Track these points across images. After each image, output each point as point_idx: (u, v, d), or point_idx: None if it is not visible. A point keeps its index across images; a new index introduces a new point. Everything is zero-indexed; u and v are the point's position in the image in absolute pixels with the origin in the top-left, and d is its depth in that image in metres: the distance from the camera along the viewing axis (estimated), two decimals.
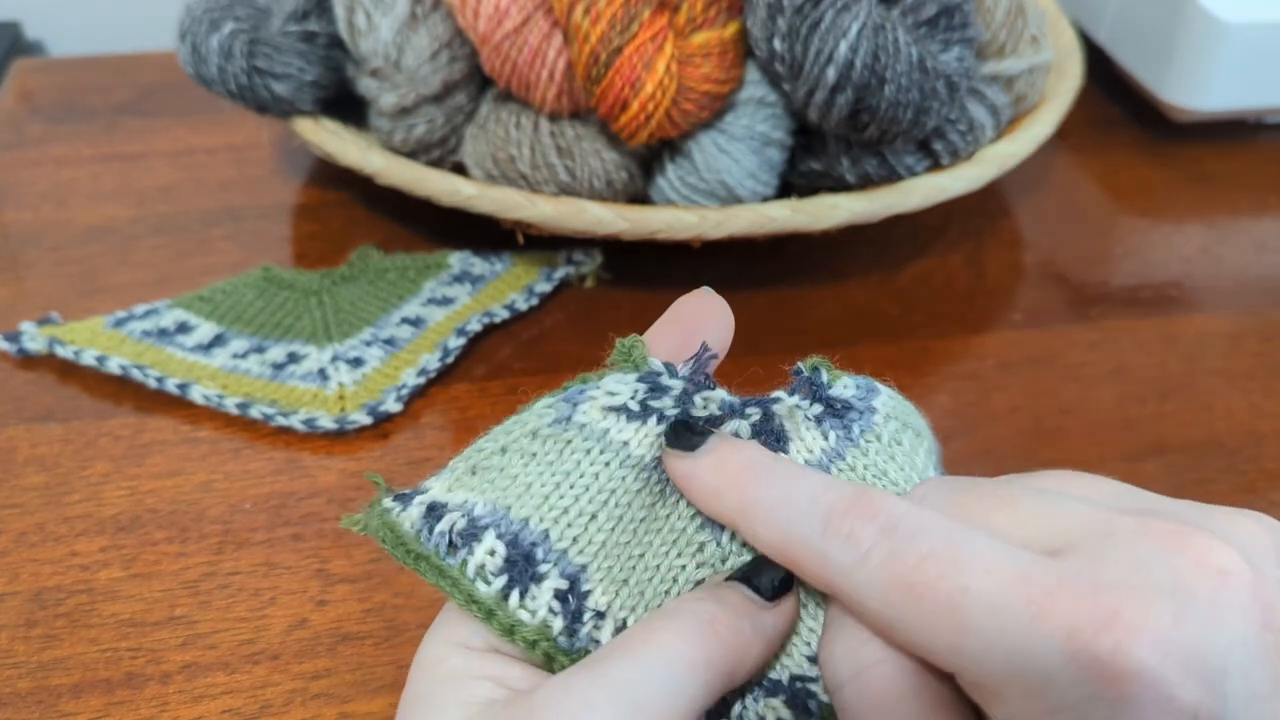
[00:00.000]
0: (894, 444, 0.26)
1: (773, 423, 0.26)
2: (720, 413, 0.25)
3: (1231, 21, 0.55)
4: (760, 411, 0.26)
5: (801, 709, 0.24)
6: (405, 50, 0.46)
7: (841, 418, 0.26)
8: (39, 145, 0.59)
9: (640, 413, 0.25)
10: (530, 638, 0.23)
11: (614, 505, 0.24)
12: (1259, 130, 0.64)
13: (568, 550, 0.24)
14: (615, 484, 0.25)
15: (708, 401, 0.25)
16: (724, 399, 0.26)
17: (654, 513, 0.25)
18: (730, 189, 0.46)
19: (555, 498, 0.24)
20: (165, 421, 0.42)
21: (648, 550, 0.25)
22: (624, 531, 0.24)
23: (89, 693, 0.33)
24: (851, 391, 0.27)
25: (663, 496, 0.25)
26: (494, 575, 0.23)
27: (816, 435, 0.26)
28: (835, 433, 0.26)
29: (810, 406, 0.26)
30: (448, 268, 0.49)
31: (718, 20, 0.44)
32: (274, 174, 0.57)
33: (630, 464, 0.25)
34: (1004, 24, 0.50)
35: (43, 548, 0.37)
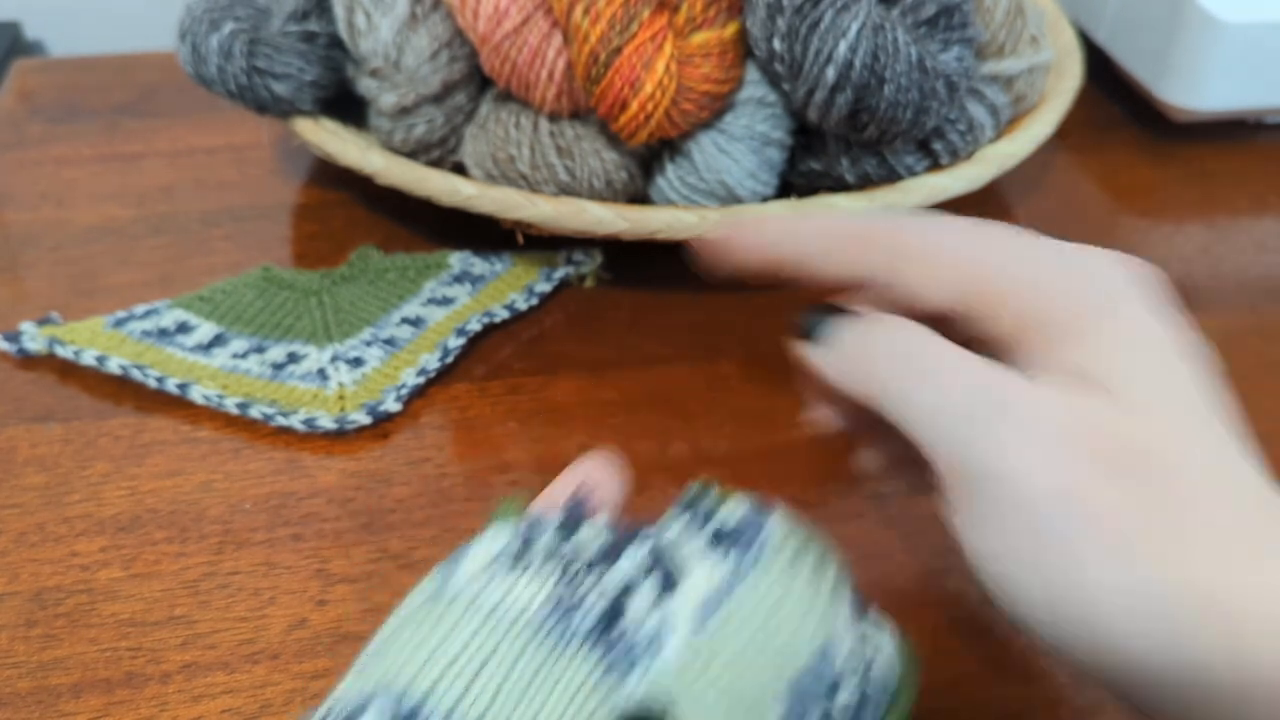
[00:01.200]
0: (796, 564, 0.25)
1: (663, 555, 0.25)
2: (602, 550, 0.24)
3: (1231, 21, 0.55)
4: (647, 542, 0.25)
5: None
6: (405, 50, 0.47)
7: (734, 543, 0.25)
8: (39, 145, 0.59)
9: (518, 562, 0.24)
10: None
11: (496, 665, 0.23)
12: (1259, 130, 0.64)
13: (449, 716, 0.22)
14: (494, 643, 0.23)
15: (587, 537, 0.24)
16: (606, 534, 0.25)
17: (545, 670, 0.23)
18: (730, 189, 0.46)
19: (431, 662, 0.23)
20: (165, 421, 0.42)
21: (540, 709, 0.23)
22: (509, 691, 0.23)
23: (89, 692, 0.33)
24: (741, 514, 0.26)
25: (554, 653, 0.23)
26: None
27: (712, 563, 0.25)
28: (731, 558, 0.25)
29: (699, 534, 0.25)
30: (448, 268, 0.49)
31: (717, 20, 0.44)
32: (274, 174, 0.57)
33: (509, 621, 0.23)
34: (1004, 24, 0.50)
35: (43, 548, 0.37)
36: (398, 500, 0.39)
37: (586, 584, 0.24)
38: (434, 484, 0.40)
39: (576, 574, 0.24)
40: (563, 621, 0.23)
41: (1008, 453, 0.22)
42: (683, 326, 0.48)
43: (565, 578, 0.24)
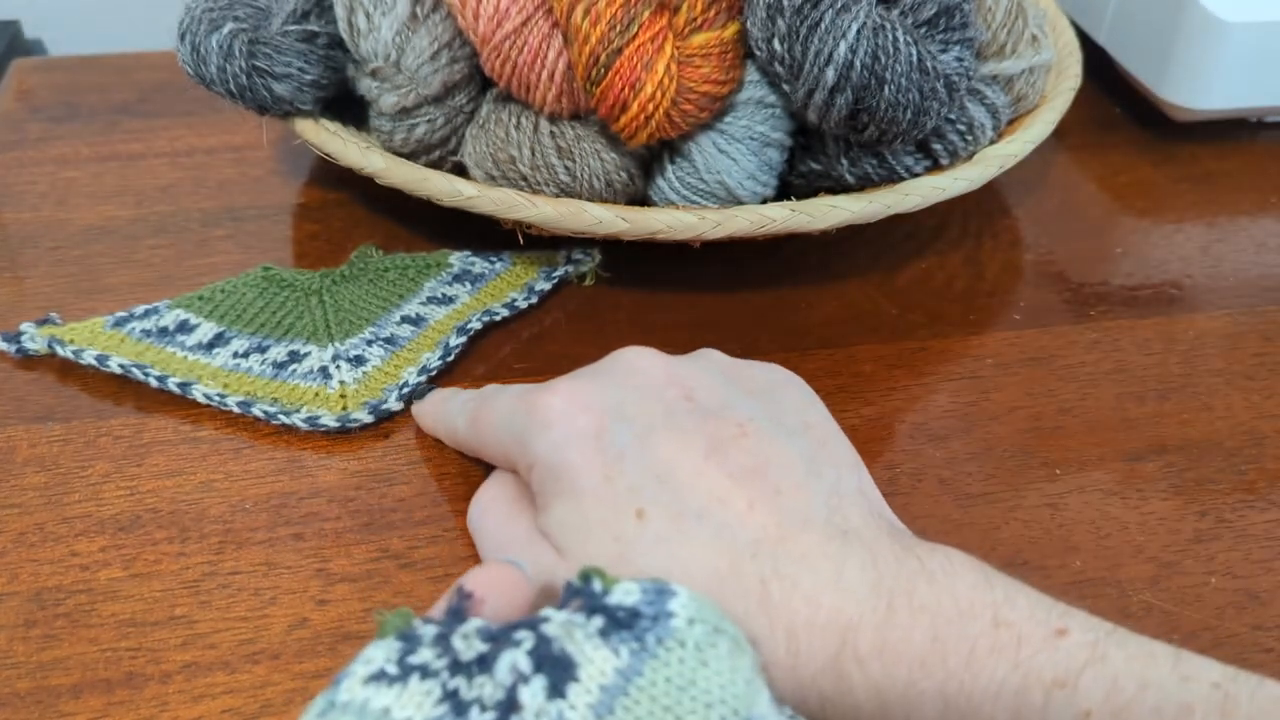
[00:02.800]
0: (705, 648, 0.24)
1: (550, 647, 0.23)
2: (486, 645, 0.23)
3: (1232, 21, 0.55)
4: (533, 636, 0.24)
5: None
6: (405, 51, 0.47)
7: (631, 628, 0.24)
8: (39, 145, 0.59)
9: (399, 674, 0.23)
10: None
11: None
12: (1259, 130, 0.64)
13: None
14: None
15: (468, 637, 0.24)
16: (486, 630, 0.24)
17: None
18: (730, 190, 0.46)
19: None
20: (166, 421, 0.42)
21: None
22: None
23: (89, 693, 0.33)
24: (636, 597, 0.24)
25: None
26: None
27: (606, 654, 0.23)
28: (626, 647, 0.24)
29: (589, 621, 0.24)
30: (448, 267, 0.49)
31: (717, 21, 0.44)
32: (274, 174, 0.57)
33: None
34: (1004, 24, 0.50)
35: (42, 548, 0.37)
36: (399, 500, 0.39)
37: (470, 695, 0.23)
38: (435, 483, 0.40)
39: (459, 684, 0.23)
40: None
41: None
42: (683, 326, 0.48)
43: (447, 690, 0.23)
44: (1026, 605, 0.27)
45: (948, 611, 0.27)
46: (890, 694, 0.27)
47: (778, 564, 0.29)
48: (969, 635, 0.26)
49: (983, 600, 0.27)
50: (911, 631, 0.27)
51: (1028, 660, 0.26)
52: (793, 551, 0.29)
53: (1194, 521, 0.39)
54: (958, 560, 0.29)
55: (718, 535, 0.29)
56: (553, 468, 0.31)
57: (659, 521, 0.29)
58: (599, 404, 0.32)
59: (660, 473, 0.30)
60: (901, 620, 0.27)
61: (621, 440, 0.31)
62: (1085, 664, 0.25)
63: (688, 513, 0.29)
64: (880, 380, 0.45)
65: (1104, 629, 0.27)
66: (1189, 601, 0.36)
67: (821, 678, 0.27)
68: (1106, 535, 0.39)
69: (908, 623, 0.27)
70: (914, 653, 0.27)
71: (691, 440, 0.31)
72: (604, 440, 0.31)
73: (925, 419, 0.43)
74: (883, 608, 0.27)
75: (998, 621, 0.27)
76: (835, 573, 0.28)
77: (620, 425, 0.31)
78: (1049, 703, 0.25)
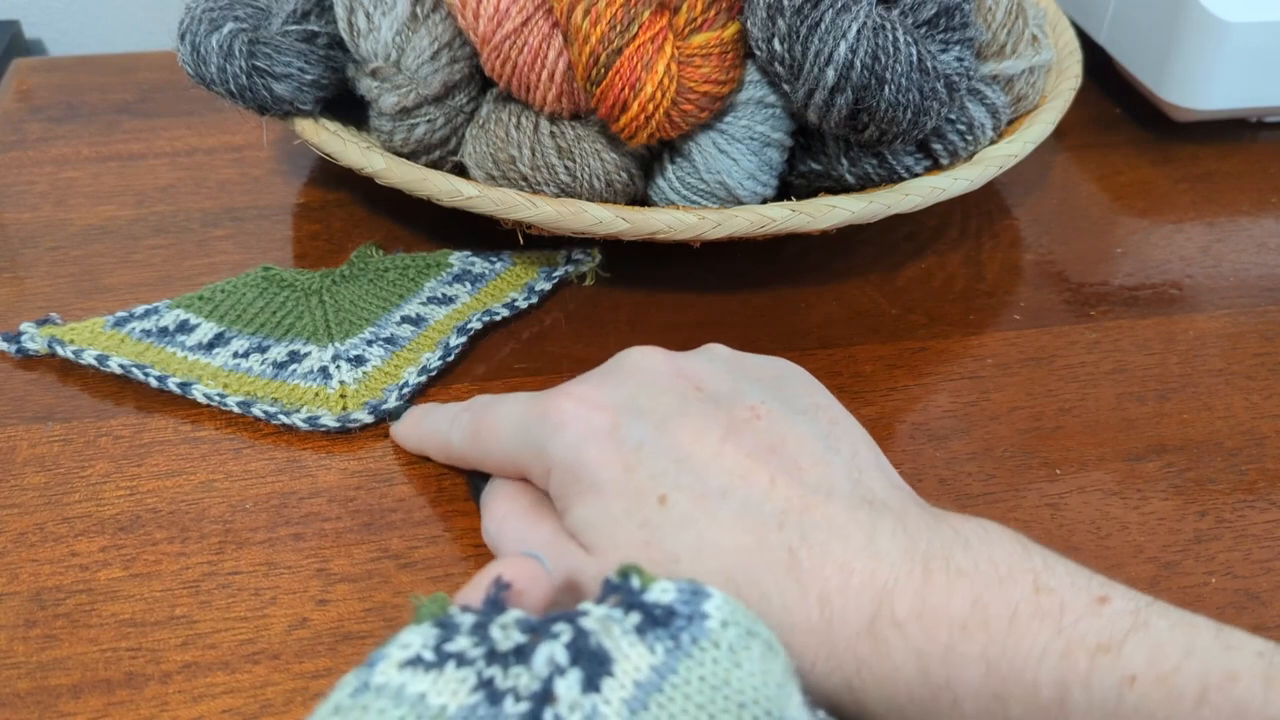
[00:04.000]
0: (739, 650, 0.24)
1: (588, 641, 0.24)
2: (525, 636, 0.24)
3: (1232, 21, 0.55)
4: (571, 629, 0.24)
5: None
6: (405, 51, 0.47)
7: (666, 626, 0.24)
8: (39, 145, 0.59)
9: (436, 661, 0.23)
10: None
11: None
12: (1259, 130, 0.64)
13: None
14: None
15: (506, 627, 0.24)
16: (526, 621, 0.24)
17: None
18: (730, 190, 0.46)
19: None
20: (166, 421, 0.42)
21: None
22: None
23: (89, 693, 0.33)
24: (672, 596, 0.25)
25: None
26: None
27: (642, 650, 0.24)
28: (662, 645, 0.24)
29: (626, 617, 0.24)
30: (448, 267, 0.49)
31: (717, 21, 0.44)
32: (274, 174, 0.57)
33: (430, 716, 0.23)
34: (1004, 24, 0.50)
35: (42, 548, 0.37)
36: (399, 500, 0.39)
37: (505, 684, 0.23)
38: (435, 483, 0.40)
39: (495, 673, 0.23)
40: (490, 713, 0.23)
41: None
42: (683, 326, 0.48)
43: (483, 678, 0.23)
44: (1066, 573, 0.27)
45: (987, 576, 0.27)
46: (931, 657, 0.26)
47: (805, 533, 0.28)
48: (1010, 600, 0.26)
49: (1021, 566, 0.27)
50: (951, 595, 0.27)
51: (1071, 626, 0.26)
52: (819, 520, 0.29)
53: (1194, 521, 0.39)
54: (993, 528, 0.28)
55: (743, 511, 0.29)
56: (572, 468, 0.31)
57: (683, 504, 0.29)
58: (611, 401, 0.32)
59: (679, 457, 0.30)
60: (939, 583, 0.27)
61: (638, 432, 0.31)
62: (1129, 630, 0.25)
63: (711, 492, 0.30)
64: (880, 380, 0.45)
65: (1144, 599, 0.27)
66: (1189, 601, 0.36)
67: (858, 643, 0.27)
68: (1106, 535, 0.39)
69: (946, 586, 0.27)
70: (954, 616, 0.26)
71: (707, 425, 0.31)
72: (620, 434, 0.31)
73: (925, 419, 0.43)
74: (919, 571, 0.27)
75: (1038, 587, 0.26)
76: (866, 539, 0.28)
77: (634, 418, 0.31)
78: (1093, 668, 0.25)
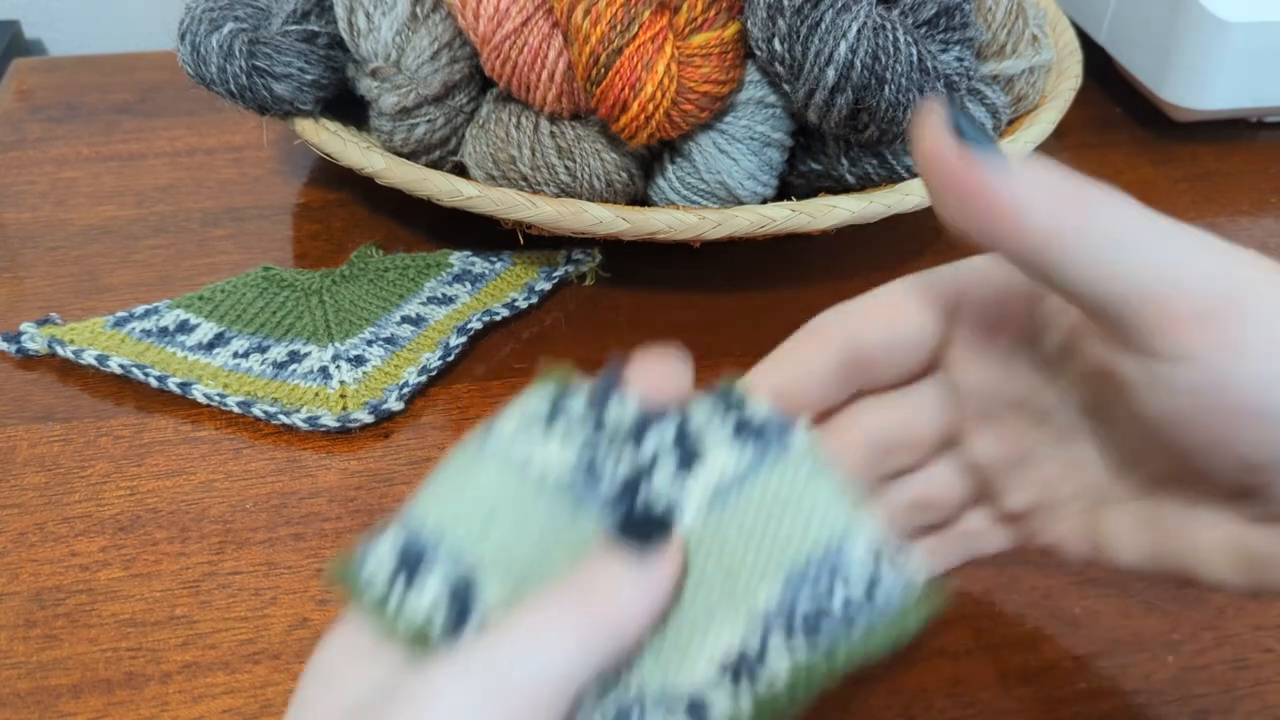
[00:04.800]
0: (807, 477, 0.25)
1: (688, 435, 0.25)
2: (636, 417, 0.25)
3: (1232, 21, 0.55)
4: (679, 418, 0.25)
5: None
6: (405, 51, 0.47)
7: (756, 438, 0.26)
8: (39, 145, 0.59)
9: (548, 425, 0.25)
10: (416, 635, 0.23)
11: (512, 514, 0.24)
12: (1259, 130, 0.64)
13: (460, 555, 0.23)
14: (516, 495, 0.24)
15: (621, 405, 0.25)
16: (637, 406, 0.25)
17: (562, 525, 0.24)
18: (730, 189, 0.46)
19: (450, 505, 0.24)
20: (166, 421, 0.42)
21: (546, 558, 0.24)
22: (524, 541, 0.24)
23: (89, 693, 0.33)
24: (766, 414, 0.26)
25: (573, 511, 0.24)
26: (381, 577, 0.23)
27: (732, 451, 0.25)
28: (751, 452, 0.25)
29: (724, 423, 0.26)
30: (448, 267, 0.49)
31: (717, 21, 0.44)
32: (274, 174, 0.57)
33: (534, 476, 0.24)
34: (1004, 24, 0.50)
35: (43, 548, 0.37)
36: (399, 500, 0.39)
37: (612, 455, 0.25)
38: None
39: (603, 445, 0.25)
40: (586, 487, 0.24)
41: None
42: (683, 326, 0.48)
43: (592, 447, 0.25)
44: None
45: None
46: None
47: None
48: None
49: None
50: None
51: None
52: None
53: None
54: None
55: None
56: None
57: None
58: None
59: None
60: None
61: None
62: None
63: None
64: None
65: None
66: (1190, 602, 0.36)
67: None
68: None
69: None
70: None
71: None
72: None
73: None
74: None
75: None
76: None
77: None
78: None
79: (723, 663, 0.24)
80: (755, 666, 0.24)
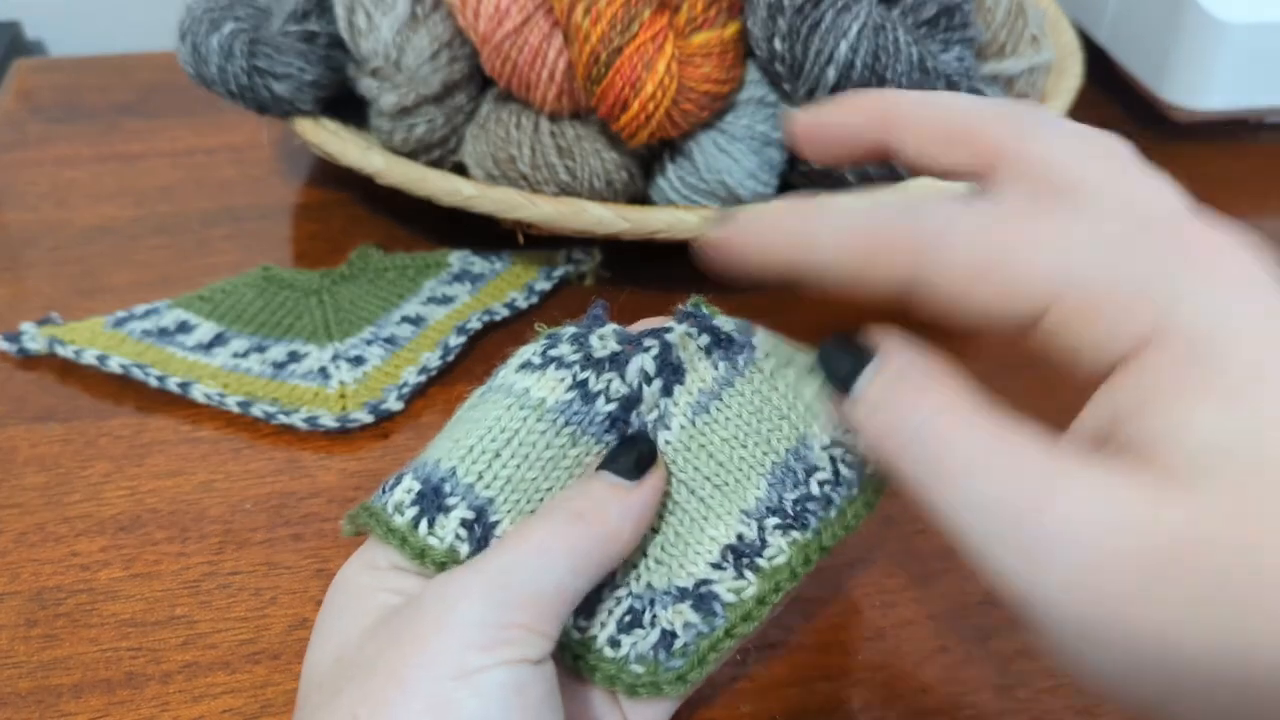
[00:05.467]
0: (775, 376, 0.29)
1: (670, 354, 0.29)
2: (619, 346, 0.28)
3: (1231, 21, 0.55)
4: (658, 343, 0.28)
5: (707, 610, 0.28)
6: (405, 50, 0.47)
7: (726, 350, 0.29)
8: (39, 145, 0.59)
9: (541, 364, 0.28)
10: (439, 560, 0.26)
11: (518, 444, 0.27)
12: (1259, 130, 0.64)
13: (474, 485, 0.27)
14: (518, 425, 0.27)
15: (604, 338, 0.28)
16: (620, 332, 0.29)
17: (562, 452, 0.27)
18: (730, 189, 0.46)
19: (464, 440, 0.27)
20: (166, 421, 0.42)
21: (555, 485, 0.27)
22: (529, 469, 0.27)
23: (89, 693, 0.33)
24: (731, 326, 0.29)
25: (571, 438, 0.28)
26: (406, 508, 0.26)
27: (708, 365, 0.29)
28: (723, 363, 0.29)
29: (699, 336, 0.29)
30: (448, 266, 0.49)
31: (718, 20, 0.44)
32: (274, 174, 0.57)
33: (532, 406, 0.27)
34: (1004, 24, 0.50)
35: (43, 548, 0.37)
36: None
37: (598, 386, 0.28)
38: None
39: (591, 372, 0.28)
40: (582, 410, 0.27)
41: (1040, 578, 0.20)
42: None
43: (578, 379, 0.28)
44: None
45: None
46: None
47: None
48: None
49: None
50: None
51: None
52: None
53: None
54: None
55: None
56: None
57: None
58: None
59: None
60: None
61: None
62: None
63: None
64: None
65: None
66: None
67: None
68: None
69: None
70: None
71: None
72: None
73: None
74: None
75: None
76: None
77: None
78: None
79: (722, 554, 0.28)
80: (758, 551, 0.28)
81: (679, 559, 0.28)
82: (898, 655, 0.35)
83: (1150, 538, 0.19)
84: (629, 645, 0.28)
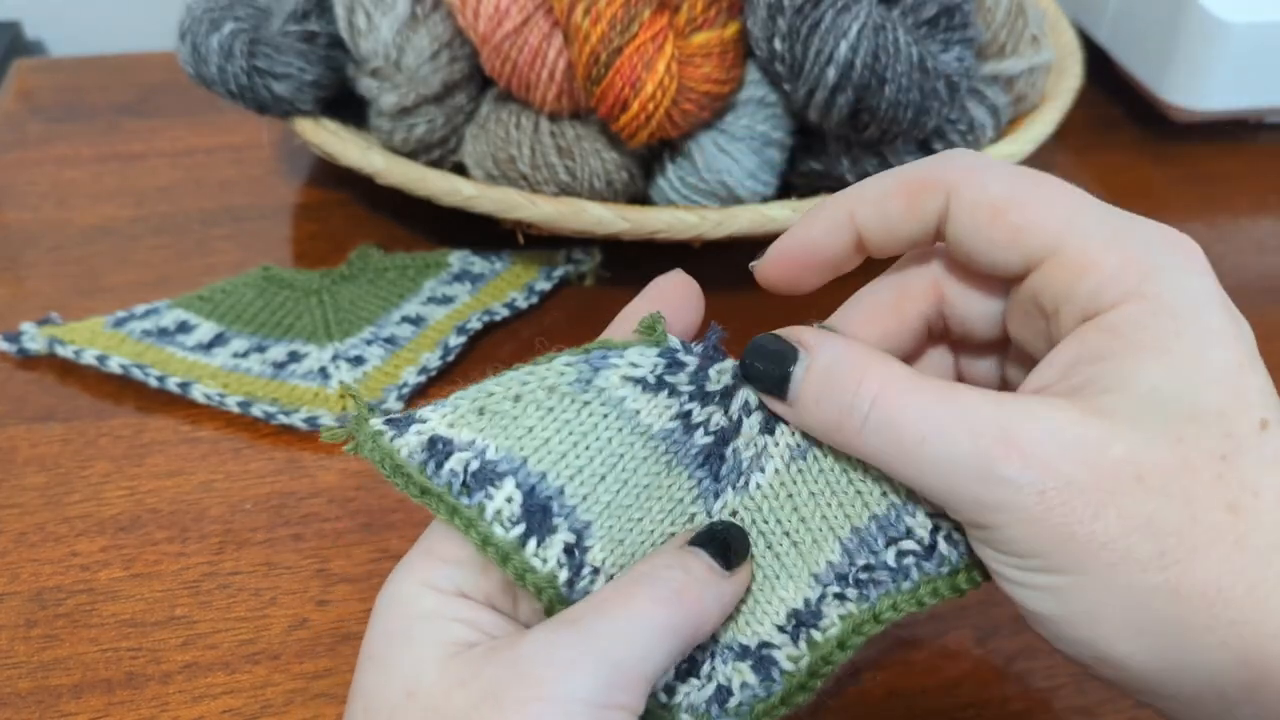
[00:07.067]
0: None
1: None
2: (733, 382, 0.27)
3: (1231, 21, 0.55)
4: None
5: (765, 674, 0.27)
6: (405, 50, 0.46)
7: None
8: (39, 145, 0.59)
9: (655, 385, 0.26)
10: (540, 585, 0.24)
11: (621, 470, 0.26)
12: (1259, 130, 0.64)
13: (577, 507, 0.25)
14: (625, 449, 0.26)
15: (721, 374, 0.27)
16: (736, 369, 0.27)
17: (657, 481, 0.26)
18: (730, 189, 0.46)
19: (571, 456, 0.25)
20: (166, 421, 0.42)
21: (645, 515, 0.26)
22: (627, 495, 0.26)
23: (89, 693, 0.33)
24: None
25: (667, 467, 0.27)
26: (511, 522, 0.24)
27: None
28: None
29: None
30: (448, 266, 0.49)
31: (718, 20, 0.44)
32: (274, 174, 0.57)
33: (639, 432, 0.26)
34: (1004, 24, 0.50)
35: (43, 548, 0.37)
36: (398, 500, 0.39)
37: (700, 418, 0.27)
38: None
39: (694, 407, 0.27)
40: (682, 440, 0.27)
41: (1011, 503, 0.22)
42: None
43: (683, 409, 0.27)
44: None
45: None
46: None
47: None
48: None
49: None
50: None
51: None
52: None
53: None
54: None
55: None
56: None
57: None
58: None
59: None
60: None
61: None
62: None
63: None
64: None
65: None
66: None
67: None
68: None
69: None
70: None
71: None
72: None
73: None
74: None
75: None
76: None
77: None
78: None
79: (788, 617, 0.27)
80: (815, 621, 0.27)
81: (746, 615, 0.27)
82: (897, 655, 0.35)
83: (1098, 467, 0.22)
84: (682, 694, 0.27)
